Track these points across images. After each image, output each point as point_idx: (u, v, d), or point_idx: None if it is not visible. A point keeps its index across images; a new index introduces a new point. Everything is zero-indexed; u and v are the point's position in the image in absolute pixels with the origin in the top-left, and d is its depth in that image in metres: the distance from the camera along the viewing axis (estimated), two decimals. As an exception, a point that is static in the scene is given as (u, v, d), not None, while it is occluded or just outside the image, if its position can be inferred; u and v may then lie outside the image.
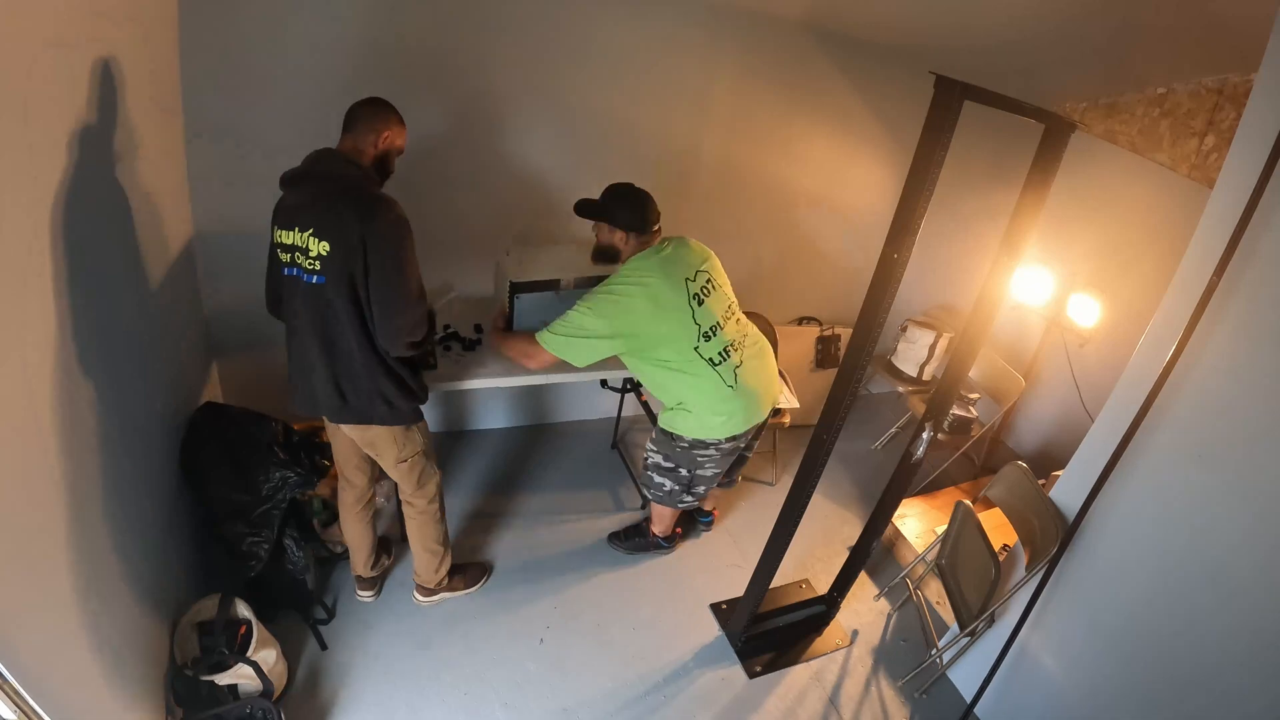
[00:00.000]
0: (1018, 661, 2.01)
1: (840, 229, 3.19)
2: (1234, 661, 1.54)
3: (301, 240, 1.55)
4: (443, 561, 2.14)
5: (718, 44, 2.48)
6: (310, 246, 1.54)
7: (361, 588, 2.19)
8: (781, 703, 2.13)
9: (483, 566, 2.36)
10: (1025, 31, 2.32)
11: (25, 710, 1.04)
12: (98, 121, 1.36)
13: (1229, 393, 1.52)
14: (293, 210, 1.58)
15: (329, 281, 1.55)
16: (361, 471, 2.00)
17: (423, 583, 2.18)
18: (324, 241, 1.52)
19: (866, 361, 1.67)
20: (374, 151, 1.63)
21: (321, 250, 1.53)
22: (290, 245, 1.58)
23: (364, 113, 1.63)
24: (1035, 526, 1.96)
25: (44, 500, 1.14)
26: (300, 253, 1.56)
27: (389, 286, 1.57)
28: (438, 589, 2.19)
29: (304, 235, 1.54)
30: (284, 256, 1.60)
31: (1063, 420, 3.24)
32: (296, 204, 1.57)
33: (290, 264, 1.59)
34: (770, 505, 2.49)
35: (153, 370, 1.71)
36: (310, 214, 1.54)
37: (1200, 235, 1.55)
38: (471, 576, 2.29)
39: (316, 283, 1.56)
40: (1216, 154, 2.49)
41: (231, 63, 1.94)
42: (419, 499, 1.98)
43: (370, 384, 1.68)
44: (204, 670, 1.67)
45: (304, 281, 1.58)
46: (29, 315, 1.10)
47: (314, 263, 1.55)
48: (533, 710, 1.97)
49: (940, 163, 1.38)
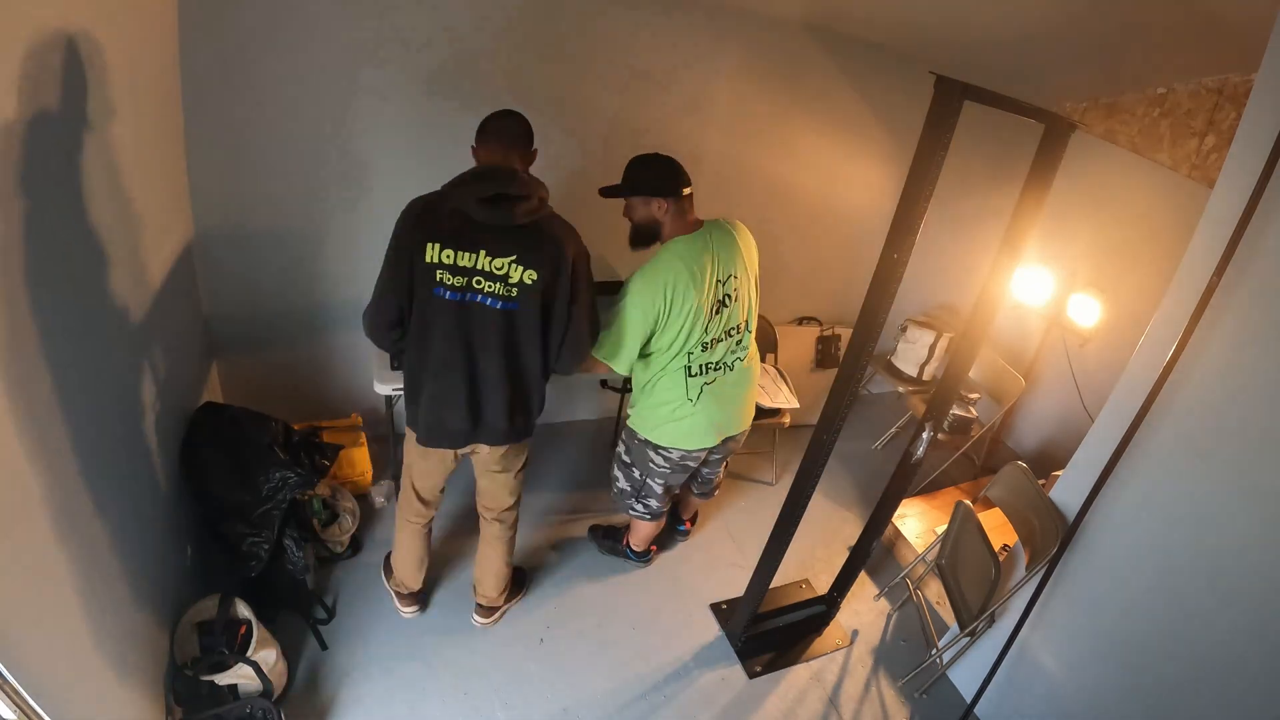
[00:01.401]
0: (1018, 661, 2.01)
1: (840, 229, 3.19)
2: (1234, 661, 1.54)
3: (494, 266, 1.47)
4: (512, 575, 2.14)
5: (718, 44, 2.48)
6: (511, 274, 1.47)
7: (406, 604, 2.12)
8: (781, 703, 2.13)
9: (522, 570, 2.32)
10: (1025, 31, 2.32)
11: (25, 710, 1.04)
12: (98, 121, 1.36)
13: (1229, 393, 1.52)
14: (477, 230, 1.45)
15: (523, 308, 1.50)
16: (442, 493, 1.99)
17: (490, 603, 2.11)
18: (531, 270, 1.47)
19: (866, 361, 1.67)
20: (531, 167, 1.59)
21: (527, 279, 1.47)
22: (469, 269, 1.47)
23: (516, 128, 1.55)
24: (1035, 526, 1.96)
25: (43, 500, 1.14)
26: (487, 278, 1.47)
27: (586, 318, 1.60)
28: (503, 603, 2.17)
29: (500, 261, 1.46)
30: (452, 280, 1.48)
31: (1063, 420, 3.24)
32: (484, 223, 1.44)
33: (463, 289, 1.48)
34: (770, 505, 2.49)
35: (152, 370, 1.71)
36: (509, 240, 1.46)
37: (1200, 235, 1.55)
38: (520, 581, 2.27)
39: (505, 309, 1.50)
40: (1216, 154, 2.50)
41: (231, 62, 1.94)
42: (513, 512, 1.99)
43: (538, 404, 1.71)
44: (204, 670, 1.67)
45: (492, 309, 1.50)
46: (26, 314, 1.10)
47: (510, 290, 1.48)
48: (533, 710, 1.97)
49: (940, 163, 1.38)
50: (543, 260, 1.48)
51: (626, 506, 2.24)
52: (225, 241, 2.18)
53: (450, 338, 1.53)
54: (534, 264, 1.47)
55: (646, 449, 2.02)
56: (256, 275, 2.27)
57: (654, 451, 2.01)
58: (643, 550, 2.46)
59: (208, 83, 1.92)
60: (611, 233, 1.98)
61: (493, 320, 1.51)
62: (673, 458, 2.01)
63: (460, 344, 1.54)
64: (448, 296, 1.49)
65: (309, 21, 1.97)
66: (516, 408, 1.65)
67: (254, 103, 2.02)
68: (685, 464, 2.03)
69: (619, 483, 2.21)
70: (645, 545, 2.45)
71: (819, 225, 3.14)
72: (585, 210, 2.64)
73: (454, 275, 1.48)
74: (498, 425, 1.66)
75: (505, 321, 1.52)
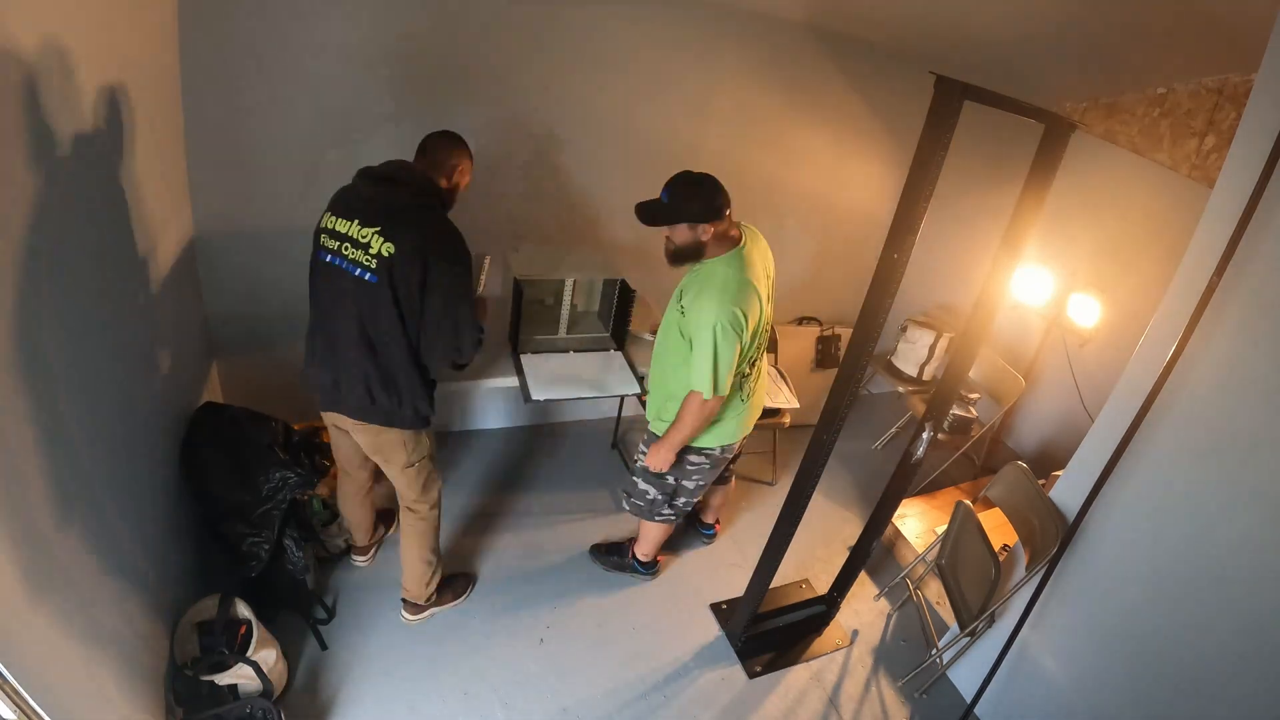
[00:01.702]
0: (1018, 661, 2.01)
1: (840, 228, 3.19)
2: (1234, 661, 1.54)
3: (360, 234, 1.53)
4: (434, 574, 2.09)
5: (718, 44, 2.48)
6: (372, 244, 1.52)
7: (357, 553, 2.28)
8: (781, 703, 2.13)
9: (468, 577, 2.30)
10: (1025, 31, 2.32)
11: (25, 710, 1.04)
12: (97, 122, 1.36)
13: (1229, 392, 1.52)
14: (360, 203, 1.57)
15: (381, 284, 1.54)
16: (364, 468, 2.03)
17: (412, 598, 2.10)
18: (389, 243, 1.52)
19: (866, 361, 1.68)
20: (445, 184, 1.66)
21: (384, 251, 1.52)
22: (342, 234, 1.55)
23: (441, 144, 1.66)
24: (1035, 526, 1.96)
25: (43, 500, 1.14)
26: (353, 245, 1.54)
27: (448, 317, 1.61)
28: (427, 605, 2.13)
29: (366, 230, 1.53)
30: (329, 243, 1.58)
31: (1063, 420, 3.24)
32: (368, 198, 1.57)
33: (334, 252, 1.57)
34: (770, 505, 2.49)
35: (152, 370, 1.71)
36: (381, 213, 1.54)
37: (1200, 235, 1.55)
38: (458, 588, 2.24)
39: (369, 280, 1.54)
40: (1216, 154, 2.50)
41: (231, 63, 1.94)
42: (421, 505, 1.96)
43: (408, 391, 1.69)
44: (204, 670, 1.67)
45: (350, 275, 1.55)
46: (26, 314, 1.10)
47: (371, 260, 1.53)
48: (533, 710, 1.97)
49: (940, 163, 1.38)
50: (404, 240, 1.52)
51: (653, 515, 2.19)
52: (225, 241, 2.18)
53: (320, 298, 1.65)
54: (394, 238, 1.52)
55: (686, 454, 2.00)
56: (256, 275, 2.27)
57: (695, 454, 2.01)
58: (650, 561, 2.42)
59: (208, 83, 1.92)
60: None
61: (352, 286, 1.57)
62: (714, 454, 2.02)
63: (326, 304, 1.64)
64: (325, 259, 1.59)
65: (309, 22, 1.97)
66: (375, 383, 1.66)
67: (254, 103, 2.02)
68: (725, 458, 2.06)
69: (647, 495, 2.13)
70: (653, 554, 2.40)
71: (819, 225, 3.14)
72: (594, 215, 2.67)
73: (331, 239, 1.58)
74: (354, 394, 1.68)
75: (361, 290, 1.56)
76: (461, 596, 2.25)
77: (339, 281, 1.57)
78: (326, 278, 1.60)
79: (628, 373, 2.34)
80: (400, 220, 1.53)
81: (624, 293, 2.39)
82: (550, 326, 2.45)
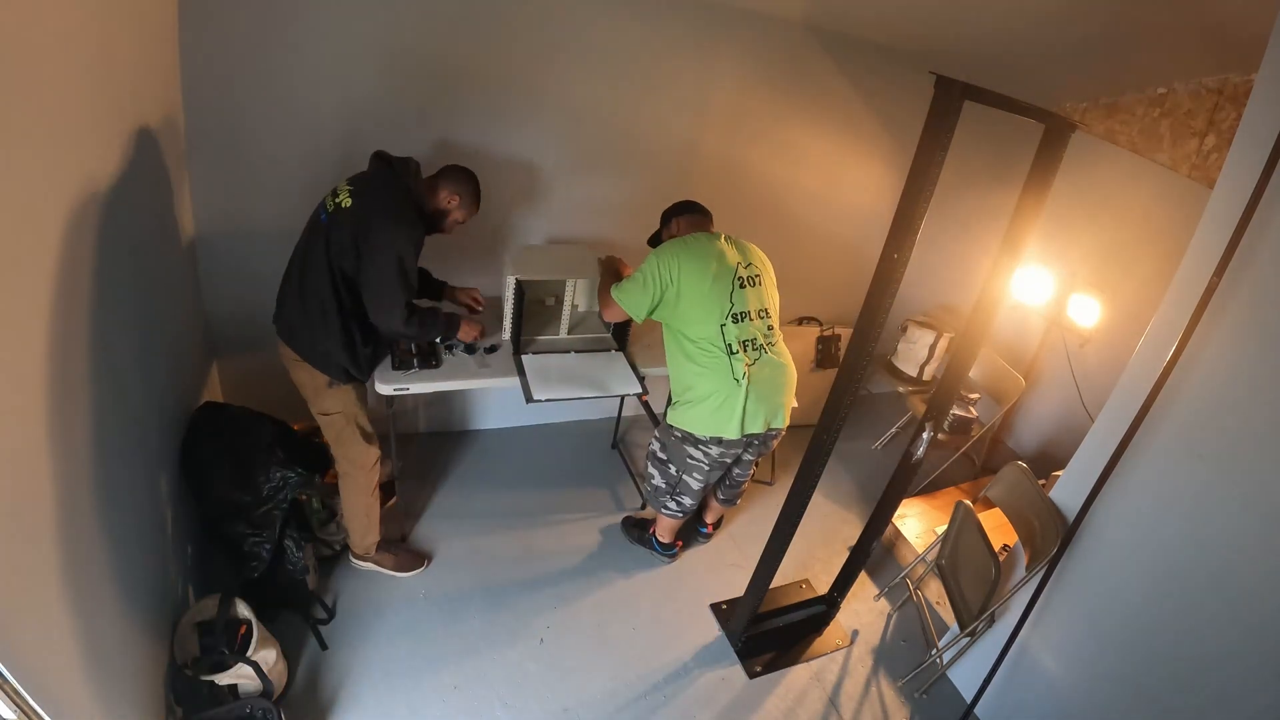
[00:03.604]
0: (1018, 661, 2.01)
1: (840, 229, 3.19)
2: (1234, 661, 1.54)
3: (341, 189, 1.78)
4: (366, 533, 2.16)
5: (717, 44, 2.48)
6: (341, 196, 1.76)
7: None
8: (781, 703, 2.13)
9: (419, 556, 2.33)
10: (1025, 31, 2.32)
11: (25, 710, 1.03)
12: (98, 122, 1.36)
13: (1229, 393, 1.52)
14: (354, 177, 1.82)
15: (329, 224, 1.75)
16: None
17: (352, 545, 2.22)
18: (348, 199, 1.75)
19: (866, 361, 1.67)
20: (433, 203, 1.88)
21: (344, 203, 1.74)
22: (335, 191, 1.79)
23: (452, 173, 1.90)
24: (1035, 526, 1.96)
25: (42, 501, 1.14)
26: (331, 197, 1.78)
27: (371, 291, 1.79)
28: (364, 557, 2.23)
29: (345, 187, 1.78)
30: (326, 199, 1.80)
31: (1063, 420, 3.24)
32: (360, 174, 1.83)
33: (323, 207, 1.80)
34: (770, 505, 2.49)
35: (152, 370, 1.71)
36: (361, 181, 1.79)
37: (1200, 235, 1.55)
38: (403, 561, 2.28)
39: (323, 220, 1.76)
40: (1217, 154, 2.50)
41: (232, 63, 1.94)
42: (340, 459, 2.02)
43: (322, 331, 1.83)
44: (204, 670, 1.67)
45: (320, 217, 1.78)
46: (25, 313, 1.10)
47: (332, 205, 1.76)
48: (533, 710, 1.97)
49: (940, 163, 1.38)
50: (361, 203, 1.74)
51: (660, 504, 2.29)
52: (225, 241, 2.18)
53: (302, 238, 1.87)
54: (355, 198, 1.75)
55: (685, 445, 2.07)
56: (256, 275, 2.26)
57: (693, 446, 2.06)
58: (669, 543, 2.50)
59: (208, 83, 1.92)
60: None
61: (312, 222, 1.83)
62: (712, 453, 2.05)
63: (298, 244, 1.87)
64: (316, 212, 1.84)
65: (309, 21, 1.97)
66: (295, 311, 1.83)
67: (254, 102, 2.02)
68: (724, 459, 2.08)
69: (654, 479, 2.26)
70: (671, 537, 2.49)
71: (819, 225, 3.14)
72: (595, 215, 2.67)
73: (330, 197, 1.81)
74: (284, 316, 1.88)
75: (314, 225, 1.81)
76: (406, 571, 2.28)
77: (313, 224, 1.81)
78: (309, 224, 1.85)
79: (629, 373, 2.34)
80: (371, 190, 1.76)
81: (624, 293, 2.39)
82: (551, 327, 2.45)
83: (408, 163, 1.84)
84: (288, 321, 1.87)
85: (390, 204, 1.77)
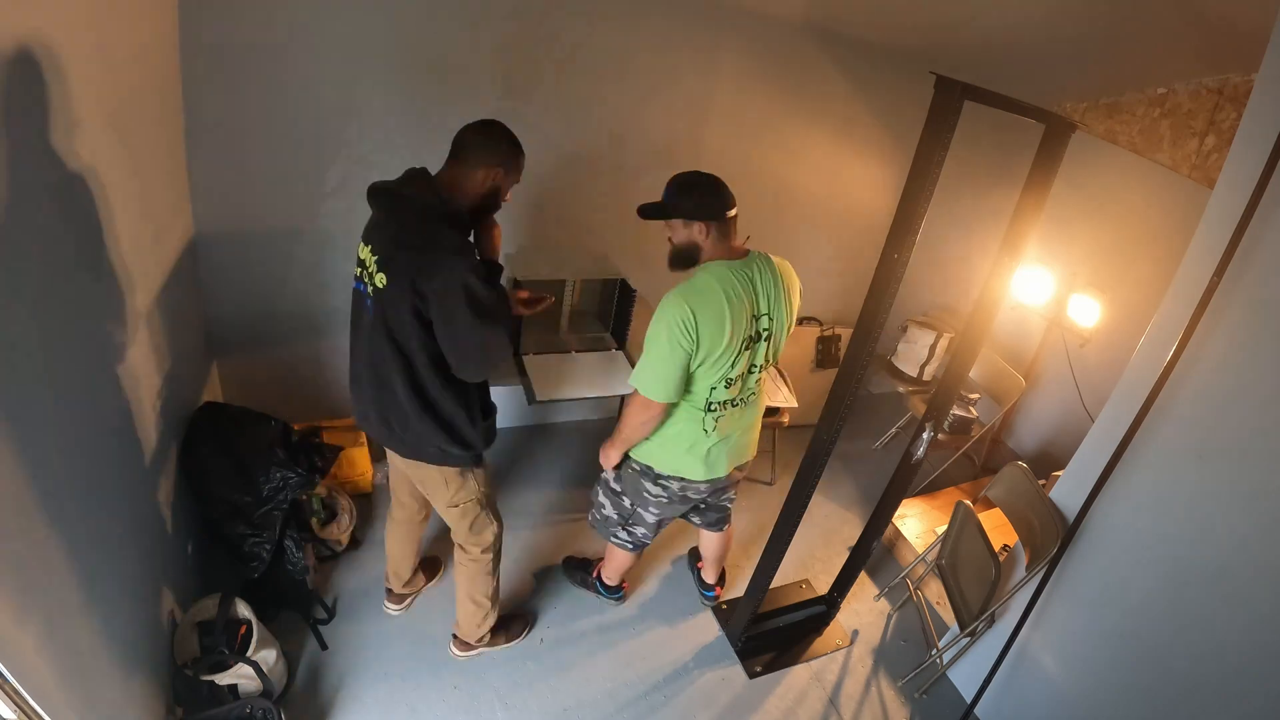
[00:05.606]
0: (1018, 661, 2.01)
1: (840, 229, 3.19)
2: (1235, 661, 1.54)
3: (369, 261, 1.44)
4: (487, 617, 1.98)
5: (718, 44, 2.48)
6: (375, 275, 1.42)
7: (390, 600, 2.15)
8: (781, 703, 2.13)
9: (525, 619, 2.19)
10: (1025, 31, 2.32)
11: (25, 710, 1.04)
12: (98, 122, 1.36)
13: (1229, 393, 1.52)
14: (371, 227, 1.49)
15: (378, 318, 1.44)
16: (414, 497, 1.92)
17: (463, 636, 2.02)
18: (383, 274, 1.40)
19: (867, 361, 1.67)
20: (478, 191, 1.47)
21: (379, 282, 1.41)
22: (362, 260, 1.47)
23: (475, 141, 1.45)
24: (1035, 526, 1.96)
25: (43, 501, 1.14)
26: (366, 272, 1.46)
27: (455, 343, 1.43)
28: (477, 644, 2.04)
29: (371, 258, 1.44)
30: (358, 268, 1.51)
31: (1063, 420, 3.24)
32: (374, 222, 1.48)
33: (358, 278, 1.51)
34: (770, 505, 2.49)
35: (152, 370, 1.71)
36: (380, 239, 1.43)
37: (1200, 235, 1.55)
38: (514, 631, 2.13)
39: (373, 310, 1.45)
40: (1217, 154, 2.50)
41: (232, 63, 1.93)
42: (471, 546, 1.85)
43: (420, 427, 1.55)
44: (204, 670, 1.67)
45: (365, 302, 1.48)
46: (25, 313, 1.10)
47: (373, 291, 1.44)
48: (533, 710, 1.97)
49: (941, 163, 1.38)
50: (395, 272, 1.38)
51: (609, 534, 2.07)
52: (225, 241, 2.17)
53: (354, 324, 1.58)
54: (386, 269, 1.39)
55: (643, 479, 1.85)
56: (257, 275, 2.27)
57: (652, 482, 1.84)
58: (614, 585, 2.30)
59: (208, 83, 1.92)
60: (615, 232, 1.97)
61: (366, 315, 1.49)
62: (672, 488, 1.84)
63: (355, 329, 1.58)
64: (355, 285, 1.54)
65: (309, 22, 1.97)
66: (389, 415, 1.56)
67: (254, 103, 2.02)
68: (685, 495, 1.86)
69: (604, 509, 2.03)
70: (618, 578, 2.28)
71: (819, 225, 3.14)
72: (594, 215, 2.67)
73: (359, 265, 1.51)
74: (379, 428, 1.60)
75: (369, 321, 1.48)
76: (517, 638, 2.14)
77: (359, 307, 1.53)
78: (355, 304, 1.55)
79: (629, 373, 2.34)
80: (397, 249, 1.39)
81: (624, 293, 2.39)
82: (552, 327, 2.45)
83: (414, 180, 1.44)
84: (378, 430, 1.61)
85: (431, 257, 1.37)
